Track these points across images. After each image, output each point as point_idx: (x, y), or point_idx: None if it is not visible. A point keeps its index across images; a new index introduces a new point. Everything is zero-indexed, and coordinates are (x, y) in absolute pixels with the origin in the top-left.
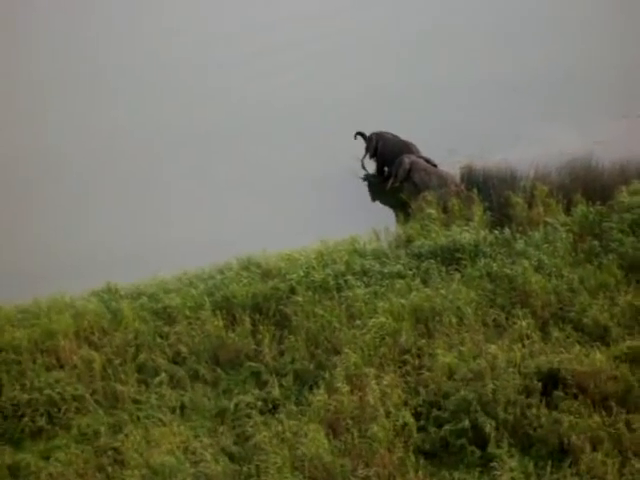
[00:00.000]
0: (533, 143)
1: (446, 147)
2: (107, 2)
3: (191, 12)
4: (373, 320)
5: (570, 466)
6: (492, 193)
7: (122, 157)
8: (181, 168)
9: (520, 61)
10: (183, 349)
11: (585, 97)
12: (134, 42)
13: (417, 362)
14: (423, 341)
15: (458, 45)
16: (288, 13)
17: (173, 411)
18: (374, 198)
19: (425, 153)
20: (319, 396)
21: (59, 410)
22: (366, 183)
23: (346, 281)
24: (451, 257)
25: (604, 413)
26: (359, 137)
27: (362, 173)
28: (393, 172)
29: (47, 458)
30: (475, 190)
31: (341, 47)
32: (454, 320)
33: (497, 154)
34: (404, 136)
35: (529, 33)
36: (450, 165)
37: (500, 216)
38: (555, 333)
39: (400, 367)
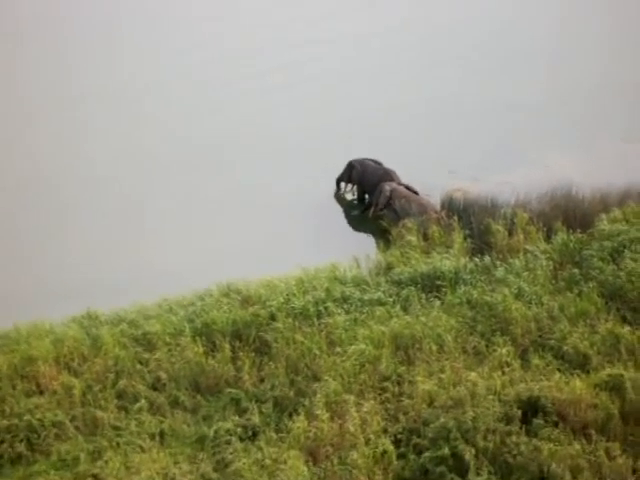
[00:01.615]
0: (532, 166)
1: (446, 169)
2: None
3: (190, 32)
4: (353, 347)
5: None
6: (472, 220)
7: (101, 183)
8: (160, 195)
9: (523, 83)
10: (163, 375)
11: (588, 120)
12: (129, 61)
13: (397, 389)
14: (403, 368)
15: (460, 67)
16: (285, 37)
17: (153, 437)
18: (355, 225)
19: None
20: (299, 423)
21: (39, 436)
22: (346, 210)
23: (326, 308)
24: (431, 284)
25: (584, 441)
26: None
27: (343, 200)
28: (374, 200)
29: None
30: (455, 217)
31: (337, 69)
32: (434, 347)
33: (496, 176)
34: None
35: (532, 56)
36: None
37: (480, 243)
38: (535, 361)
39: (380, 394)
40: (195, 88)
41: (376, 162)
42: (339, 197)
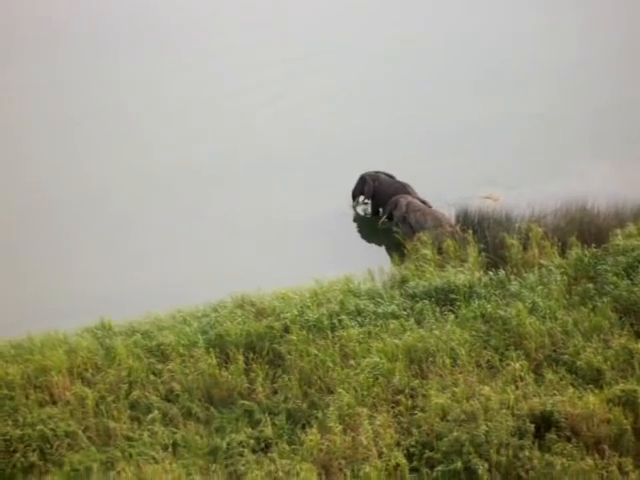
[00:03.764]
0: (567, 177)
1: (460, 183)
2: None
3: (186, 51)
4: (367, 360)
5: None
6: (487, 234)
7: (115, 197)
8: (177, 207)
9: (556, 98)
10: (176, 387)
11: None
12: (124, 78)
13: (410, 402)
14: (416, 381)
15: (484, 82)
16: (287, 53)
17: (165, 449)
18: (369, 238)
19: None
20: (312, 435)
21: (51, 446)
22: (361, 223)
23: (340, 321)
24: (445, 298)
25: (597, 456)
26: (358, 179)
27: (357, 213)
28: (387, 211)
29: None
30: (470, 231)
31: (352, 84)
32: (448, 361)
33: (532, 187)
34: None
35: (556, 72)
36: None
37: (495, 257)
38: (549, 375)
39: (393, 407)
40: (188, 109)
41: (388, 175)
42: (356, 210)
